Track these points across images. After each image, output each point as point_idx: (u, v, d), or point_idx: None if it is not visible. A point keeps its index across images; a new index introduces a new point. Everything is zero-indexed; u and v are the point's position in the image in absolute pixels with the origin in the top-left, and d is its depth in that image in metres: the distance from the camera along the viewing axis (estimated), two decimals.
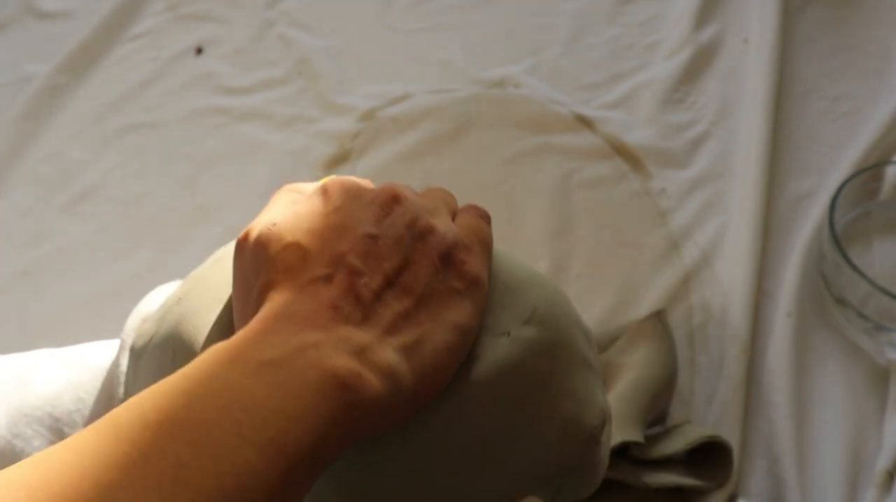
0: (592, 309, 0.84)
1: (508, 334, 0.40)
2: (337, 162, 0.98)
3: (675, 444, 0.71)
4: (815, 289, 0.84)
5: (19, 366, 0.48)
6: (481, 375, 0.39)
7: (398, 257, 0.38)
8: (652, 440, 0.71)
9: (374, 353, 0.35)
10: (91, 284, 0.90)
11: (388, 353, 0.36)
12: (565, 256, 0.88)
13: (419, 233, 0.39)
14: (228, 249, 0.47)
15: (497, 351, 0.40)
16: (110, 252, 0.92)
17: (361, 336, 0.36)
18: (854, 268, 0.78)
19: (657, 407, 0.74)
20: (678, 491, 0.71)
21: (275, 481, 0.31)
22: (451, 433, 0.39)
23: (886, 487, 0.72)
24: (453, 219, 0.42)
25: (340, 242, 0.38)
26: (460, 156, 0.97)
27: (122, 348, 0.48)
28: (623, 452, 0.70)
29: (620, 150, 0.96)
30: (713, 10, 1.07)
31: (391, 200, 0.40)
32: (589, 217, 0.91)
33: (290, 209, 0.40)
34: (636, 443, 0.69)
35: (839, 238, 0.80)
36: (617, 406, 0.71)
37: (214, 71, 1.08)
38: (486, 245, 0.42)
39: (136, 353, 0.46)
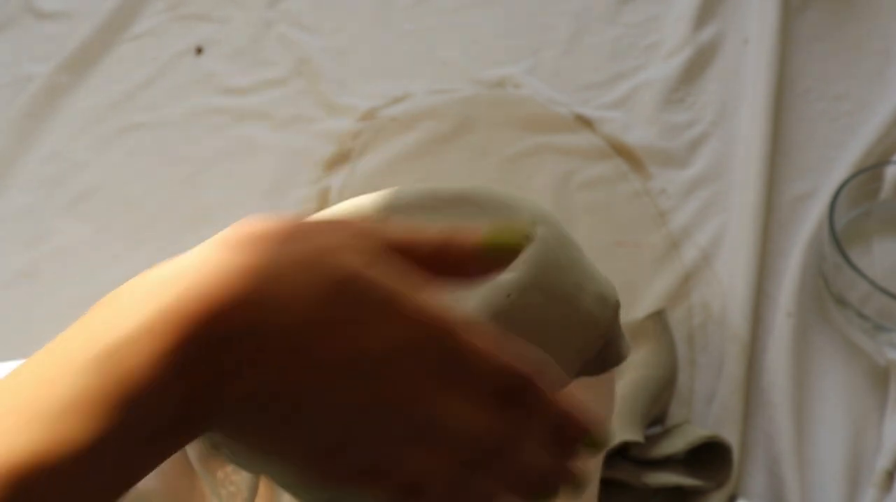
0: None
1: (527, 237, 0.43)
2: (337, 162, 0.98)
3: (675, 444, 0.71)
4: (815, 289, 0.84)
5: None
6: (519, 278, 0.42)
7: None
8: (652, 440, 0.71)
9: None
10: (91, 284, 0.89)
11: None
12: None
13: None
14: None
15: (526, 251, 0.43)
16: (110, 252, 0.92)
17: None
18: (854, 268, 0.78)
19: (657, 407, 0.74)
20: (678, 491, 0.71)
21: None
22: (518, 326, 0.41)
23: (886, 487, 0.72)
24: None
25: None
26: (460, 156, 0.97)
27: None
28: (623, 452, 0.70)
29: (620, 150, 0.96)
30: (713, 10, 1.07)
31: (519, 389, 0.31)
32: (589, 217, 0.91)
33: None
34: (636, 443, 0.69)
35: (839, 238, 0.80)
36: (617, 406, 0.71)
37: (214, 71, 1.07)
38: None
39: None
